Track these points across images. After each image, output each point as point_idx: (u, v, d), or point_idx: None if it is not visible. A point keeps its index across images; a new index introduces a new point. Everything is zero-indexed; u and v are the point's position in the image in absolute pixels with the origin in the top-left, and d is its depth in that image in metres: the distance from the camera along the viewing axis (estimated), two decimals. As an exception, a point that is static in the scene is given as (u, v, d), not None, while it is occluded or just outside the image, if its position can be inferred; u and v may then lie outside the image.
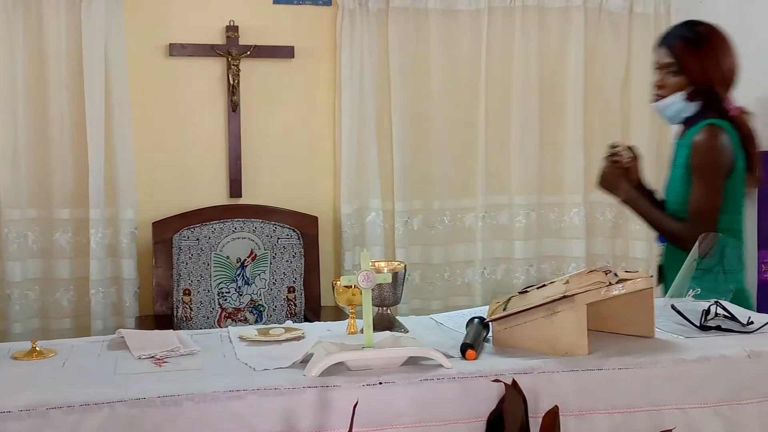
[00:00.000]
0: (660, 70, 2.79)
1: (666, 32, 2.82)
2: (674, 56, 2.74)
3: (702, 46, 2.75)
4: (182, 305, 3.97)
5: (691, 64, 2.73)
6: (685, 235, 2.72)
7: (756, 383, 2.15)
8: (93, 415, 1.82)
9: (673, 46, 2.75)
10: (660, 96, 2.80)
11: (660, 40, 2.81)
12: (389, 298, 2.41)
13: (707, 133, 2.74)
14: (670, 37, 2.79)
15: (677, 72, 2.75)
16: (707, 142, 2.73)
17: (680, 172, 2.77)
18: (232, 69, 4.17)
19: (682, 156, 2.77)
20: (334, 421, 1.91)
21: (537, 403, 1.99)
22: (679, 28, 2.81)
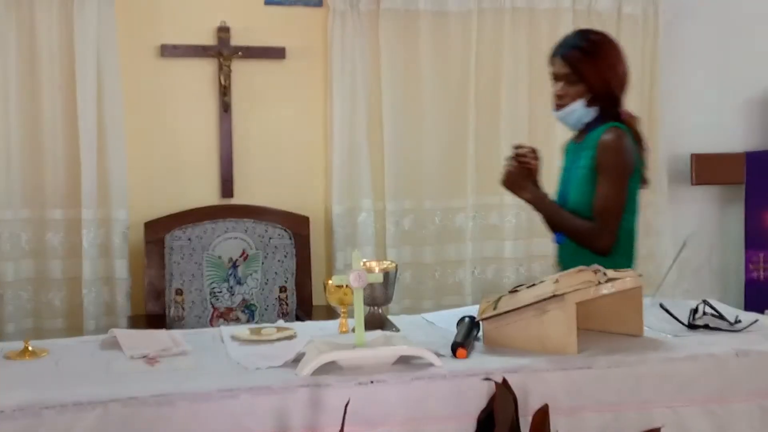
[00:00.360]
0: (558, 80, 2.83)
1: (560, 43, 2.85)
2: (571, 66, 2.78)
3: (597, 54, 2.80)
4: (174, 305, 3.97)
5: (589, 72, 2.78)
6: (591, 233, 2.77)
7: (744, 381, 2.17)
8: (86, 415, 1.83)
9: (569, 56, 2.79)
10: (561, 105, 2.84)
11: (554, 51, 2.84)
12: (380, 298, 2.42)
13: (614, 134, 2.80)
14: (565, 47, 2.82)
15: (576, 81, 2.79)
16: (614, 142, 2.79)
17: (584, 174, 2.80)
18: (223, 70, 4.17)
19: (586, 158, 2.80)
20: (326, 419, 1.92)
21: (527, 401, 2.01)
22: (572, 39, 2.84)
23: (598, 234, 2.76)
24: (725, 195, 4.80)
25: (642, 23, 4.49)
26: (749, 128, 4.81)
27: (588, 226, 2.77)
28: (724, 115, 4.74)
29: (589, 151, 2.79)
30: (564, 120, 2.89)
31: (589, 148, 2.80)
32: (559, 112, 2.87)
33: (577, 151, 2.88)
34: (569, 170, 2.91)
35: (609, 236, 2.75)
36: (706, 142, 4.67)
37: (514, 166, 2.84)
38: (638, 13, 4.49)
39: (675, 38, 4.61)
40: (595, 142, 2.79)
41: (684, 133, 4.66)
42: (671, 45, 4.59)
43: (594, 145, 2.79)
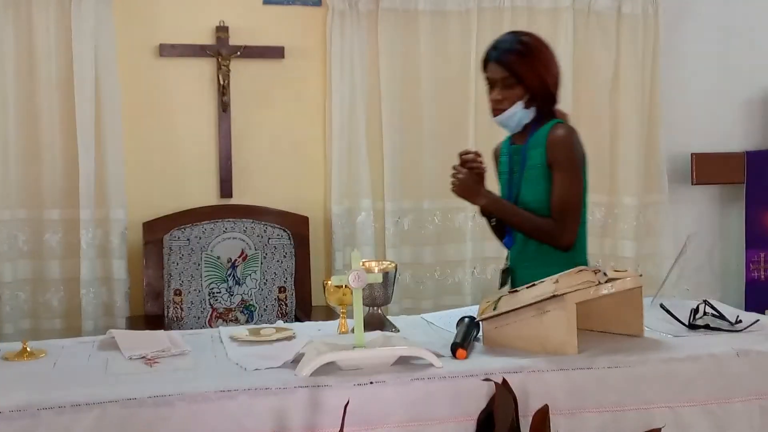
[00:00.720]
0: (494, 85, 2.83)
1: (492, 48, 2.83)
2: (509, 69, 2.77)
3: (532, 55, 2.80)
4: (173, 305, 3.96)
5: (527, 74, 2.78)
6: (554, 230, 2.76)
7: (744, 381, 2.17)
8: (84, 416, 1.83)
9: (505, 60, 2.78)
10: (501, 110, 2.83)
11: (488, 56, 2.83)
12: (380, 298, 2.42)
13: (563, 129, 2.82)
14: (499, 52, 2.80)
15: (513, 84, 2.79)
16: (566, 138, 2.80)
17: (536, 173, 2.81)
18: (222, 69, 4.16)
19: (536, 157, 2.81)
20: (325, 420, 1.91)
21: (527, 402, 2.01)
22: (505, 42, 2.82)
23: (560, 231, 2.76)
24: (725, 195, 4.80)
25: (642, 22, 4.48)
26: (749, 128, 4.81)
27: (550, 223, 2.76)
28: (725, 114, 4.74)
29: (538, 149, 2.80)
30: (504, 124, 2.87)
31: (537, 146, 2.80)
32: (499, 116, 2.85)
33: (521, 153, 2.86)
34: (514, 173, 2.89)
35: (571, 232, 2.77)
36: (707, 141, 4.67)
37: (464, 173, 2.83)
38: (638, 13, 4.48)
39: (675, 38, 4.60)
40: (543, 140, 2.79)
41: (684, 132, 4.66)
42: (671, 44, 4.59)
43: (542, 143, 2.79)
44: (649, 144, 4.54)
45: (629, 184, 4.51)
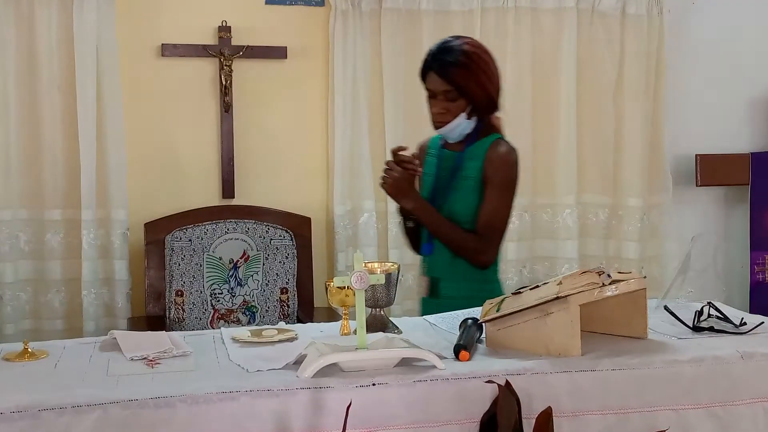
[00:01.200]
0: (436, 96, 2.78)
1: (433, 59, 2.77)
2: (452, 83, 2.73)
3: (476, 66, 2.75)
4: (175, 306, 3.96)
5: (471, 87, 2.74)
6: (477, 247, 2.77)
7: (749, 384, 2.16)
8: (85, 417, 1.82)
9: (449, 73, 2.73)
10: (443, 122, 2.79)
11: (428, 66, 2.78)
12: (382, 299, 2.41)
13: (505, 147, 2.82)
14: (441, 63, 2.75)
15: (456, 96, 2.75)
16: (507, 157, 2.80)
17: (470, 184, 2.79)
18: (224, 69, 4.16)
19: (473, 169, 2.79)
20: (328, 422, 1.90)
21: (530, 404, 2.00)
22: (445, 53, 2.76)
23: (483, 249, 2.77)
24: (730, 196, 4.79)
25: (646, 23, 4.48)
26: (754, 129, 4.80)
27: (474, 240, 2.76)
28: (729, 115, 4.73)
29: (476, 162, 2.78)
30: (447, 136, 2.83)
31: (475, 159, 2.79)
32: (442, 129, 2.81)
33: (455, 160, 2.83)
34: (441, 178, 2.86)
35: (493, 252, 2.79)
36: (711, 143, 4.66)
37: (399, 171, 2.74)
38: (642, 13, 4.47)
39: (679, 38, 4.60)
40: (482, 153, 2.78)
41: (689, 133, 4.65)
42: (676, 45, 4.58)
43: (482, 156, 2.78)
44: (654, 145, 4.53)
45: (633, 185, 4.51)
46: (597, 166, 4.52)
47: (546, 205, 4.49)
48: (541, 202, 4.49)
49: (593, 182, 4.52)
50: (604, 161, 4.51)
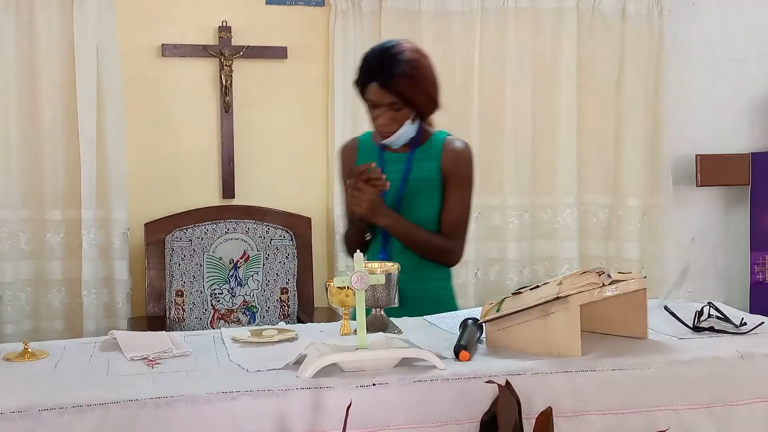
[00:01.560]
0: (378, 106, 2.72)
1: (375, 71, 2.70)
2: (398, 95, 2.68)
3: (419, 74, 2.70)
4: (175, 306, 3.96)
5: (417, 96, 2.70)
6: (450, 249, 2.80)
7: (749, 384, 2.15)
8: (85, 417, 1.82)
9: (393, 86, 2.67)
10: (390, 133, 2.74)
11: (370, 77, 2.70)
12: (383, 299, 2.41)
13: (462, 144, 2.82)
14: (384, 75, 2.67)
15: (401, 107, 2.70)
16: (467, 154, 2.81)
17: (430, 186, 2.77)
18: (224, 70, 4.16)
19: (429, 170, 2.77)
20: (327, 422, 1.90)
21: (530, 404, 1.99)
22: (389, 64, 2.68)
23: (455, 249, 2.80)
24: (730, 196, 4.79)
25: (646, 23, 4.47)
26: (754, 129, 4.80)
27: (446, 242, 2.78)
28: (729, 116, 4.73)
29: (431, 162, 2.77)
30: (392, 143, 2.79)
31: (431, 159, 2.78)
32: (389, 139, 2.76)
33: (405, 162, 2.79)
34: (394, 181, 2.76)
35: (462, 250, 2.82)
36: (711, 143, 4.66)
37: (370, 191, 2.68)
38: (643, 13, 4.47)
39: (679, 38, 4.59)
40: (437, 152, 2.78)
41: (689, 134, 4.65)
42: (676, 45, 4.58)
43: (437, 155, 2.77)
44: (654, 145, 4.53)
45: (633, 185, 4.50)
46: (597, 166, 4.52)
47: (546, 205, 4.49)
48: (541, 202, 4.49)
49: (593, 182, 4.52)
50: (604, 161, 4.51)
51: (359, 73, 2.76)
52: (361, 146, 2.90)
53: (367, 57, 2.76)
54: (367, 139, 2.91)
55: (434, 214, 2.80)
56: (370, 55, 2.76)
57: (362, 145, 2.90)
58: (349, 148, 2.94)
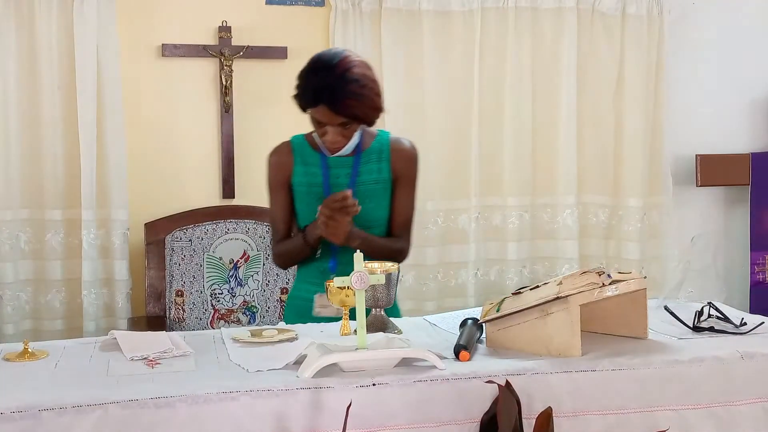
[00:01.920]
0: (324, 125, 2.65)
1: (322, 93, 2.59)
2: (347, 116, 2.61)
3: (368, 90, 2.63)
4: (175, 306, 3.96)
5: (368, 113, 2.65)
6: (406, 247, 2.80)
7: (749, 384, 2.16)
8: (85, 417, 1.82)
9: (342, 108, 2.59)
10: (340, 148, 2.70)
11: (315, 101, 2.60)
12: (382, 300, 2.41)
13: (408, 143, 2.82)
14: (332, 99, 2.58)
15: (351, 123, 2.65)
16: (414, 152, 2.82)
17: (383, 187, 2.76)
18: (224, 70, 4.16)
19: (380, 171, 2.75)
20: (328, 422, 1.90)
21: (531, 404, 2.00)
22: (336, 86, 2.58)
23: (406, 248, 2.81)
24: (730, 196, 4.78)
25: (647, 23, 4.47)
26: (755, 129, 4.79)
27: (401, 244, 2.79)
28: (730, 115, 4.72)
29: (380, 163, 2.76)
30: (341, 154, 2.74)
31: (379, 160, 2.76)
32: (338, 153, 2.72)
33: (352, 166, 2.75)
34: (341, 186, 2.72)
35: (410, 246, 2.82)
36: (712, 143, 4.65)
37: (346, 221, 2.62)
38: (643, 13, 4.46)
39: (680, 38, 4.58)
40: (386, 153, 2.77)
41: (689, 134, 4.64)
42: (676, 45, 4.57)
43: (386, 156, 2.76)
44: (654, 145, 4.52)
45: (633, 185, 4.50)
46: (597, 166, 4.51)
47: (546, 205, 4.49)
48: (541, 202, 4.48)
49: (593, 182, 4.51)
50: (604, 161, 4.51)
51: (303, 91, 2.65)
52: (296, 150, 2.81)
53: (310, 77, 2.65)
54: (301, 142, 2.82)
55: (385, 215, 2.79)
56: (313, 74, 2.65)
57: (298, 148, 2.81)
58: (283, 153, 2.82)
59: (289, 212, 2.83)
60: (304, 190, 2.77)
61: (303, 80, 2.67)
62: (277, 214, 2.84)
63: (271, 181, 2.83)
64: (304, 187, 2.77)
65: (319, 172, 2.77)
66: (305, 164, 2.78)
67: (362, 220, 2.71)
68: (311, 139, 2.81)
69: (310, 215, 2.73)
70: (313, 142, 2.80)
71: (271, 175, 2.83)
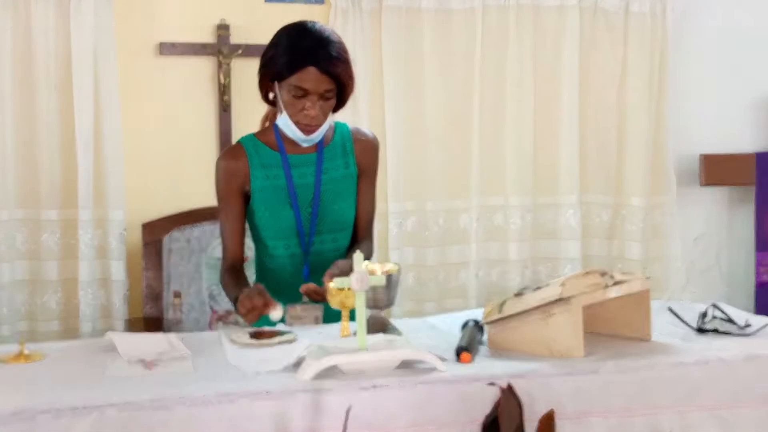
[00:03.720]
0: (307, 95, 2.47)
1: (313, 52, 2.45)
2: (336, 79, 2.47)
3: (349, 57, 2.52)
4: (172, 308, 3.95)
5: (350, 82, 2.52)
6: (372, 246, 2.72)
7: (753, 386, 2.15)
8: (82, 419, 1.81)
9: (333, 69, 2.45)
10: (317, 126, 2.50)
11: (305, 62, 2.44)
12: (383, 301, 2.40)
13: (372, 135, 2.73)
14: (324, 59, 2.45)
15: (332, 95, 2.50)
16: (377, 143, 2.73)
17: (347, 185, 2.63)
18: (223, 68, 4.14)
19: (346, 166, 2.63)
20: (327, 425, 1.89)
21: (533, 406, 1.98)
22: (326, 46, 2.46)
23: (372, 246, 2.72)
24: (735, 196, 4.77)
25: (650, 21, 4.46)
26: (759, 128, 4.78)
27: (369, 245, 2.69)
28: (734, 115, 4.71)
29: (345, 158, 2.64)
30: (311, 141, 2.56)
31: (343, 155, 2.64)
32: (313, 135, 2.53)
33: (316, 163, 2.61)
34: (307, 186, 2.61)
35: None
36: (716, 142, 4.64)
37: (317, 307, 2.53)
38: (646, 11, 4.45)
39: (683, 37, 4.57)
40: (348, 145, 2.65)
41: (693, 133, 4.63)
42: (679, 43, 4.56)
43: (349, 149, 2.65)
44: (657, 144, 4.51)
45: (636, 185, 4.49)
46: (600, 165, 4.50)
47: (548, 205, 4.48)
48: (544, 202, 4.47)
49: (596, 182, 4.50)
50: (606, 161, 4.50)
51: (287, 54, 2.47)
52: (251, 153, 2.62)
53: (293, 40, 2.48)
54: (254, 143, 2.65)
55: (353, 212, 2.67)
56: (298, 36, 2.49)
57: (252, 150, 2.63)
58: (235, 157, 2.63)
59: (242, 224, 2.66)
60: (266, 196, 2.61)
61: (280, 47, 2.51)
62: (227, 227, 2.66)
63: (221, 190, 2.64)
64: (267, 192, 2.61)
65: (281, 173, 2.61)
66: (264, 167, 2.61)
67: (334, 223, 2.63)
68: (265, 138, 2.66)
69: (275, 221, 2.61)
70: (268, 140, 2.64)
71: (222, 184, 2.64)
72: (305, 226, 2.64)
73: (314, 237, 2.65)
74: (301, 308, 2.57)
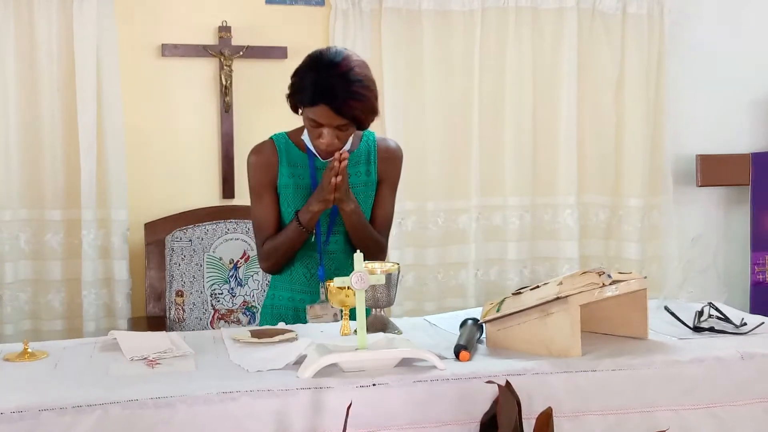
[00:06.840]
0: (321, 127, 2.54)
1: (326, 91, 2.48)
2: (350, 118, 2.51)
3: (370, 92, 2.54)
4: (175, 307, 3.96)
5: (368, 116, 2.55)
6: (386, 245, 2.76)
7: (749, 384, 2.16)
8: (85, 417, 1.82)
9: (345, 109, 2.48)
10: (334, 151, 2.54)
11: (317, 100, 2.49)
12: (383, 300, 2.41)
13: (393, 143, 2.79)
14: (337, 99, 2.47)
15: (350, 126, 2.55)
16: (400, 153, 2.78)
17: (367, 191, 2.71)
18: (224, 70, 4.15)
19: (370, 172, 2.71)
20: (328, 422, 1.90)
21: (531, 404, 1.99)
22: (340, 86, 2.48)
23: (386, 247, 2.76)
24: (731, 196, 4.78)
25: (647, 23, 4.47)
26: (755, 129, 4.79)
27: (383, 240, 2.74)
28: (730, 116, 4.72)
29: (368, 165, 2.71)
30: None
31: (367, 162, 2.71)
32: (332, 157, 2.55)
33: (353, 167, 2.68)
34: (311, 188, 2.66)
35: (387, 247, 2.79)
36: (712, 143, 4.65)
37: (341, 179, 2.52)
38: (643, 13, 4.46)
39: (680, 38, 4.58)
40: (372, 153, 2.71)
41: (689, 134, 4.64)
42: (676, 45, 4.57)
43: (373, 157, 2.71)
44: (654, 145, 4.52)
45: (634, 185, 4.50)
46: (598, 166, 4.51)
47: (546, 205, 4.49)
48: (542, 202, 4.48)
49: (594, 182, 4.51)
50: (604, 161, 4.51)
51: (301, 90, 2.55)
52: (281, 150, 2.71)
53: (309, 75, 2.54)
54: (285, 141, 2.73)
55: (368, 216, 2.74)
56: (314, 72, 2.53)
57: (282, 148, 2.72)
58: (267, 153, 2.71)
59: (278, 214, 2.72)
60: (290, 192, 2.69)
61: (301, 78, 2.57)
62: (263, 217, 2.71)
63: (255, 183, 2.72)
64: (290, 189, 2.69)
65: (306, 173, 2.69)
66: (291, 165, 2.70)
67: None
68: (296, 138, 2.73)
69: None
70: (298, 141, 2.71)
71: (255, 177, 2.72)
72: (322, 225, 2.71)
73: (330, 237, 2.73)
74: (320, 307, 2.65)
